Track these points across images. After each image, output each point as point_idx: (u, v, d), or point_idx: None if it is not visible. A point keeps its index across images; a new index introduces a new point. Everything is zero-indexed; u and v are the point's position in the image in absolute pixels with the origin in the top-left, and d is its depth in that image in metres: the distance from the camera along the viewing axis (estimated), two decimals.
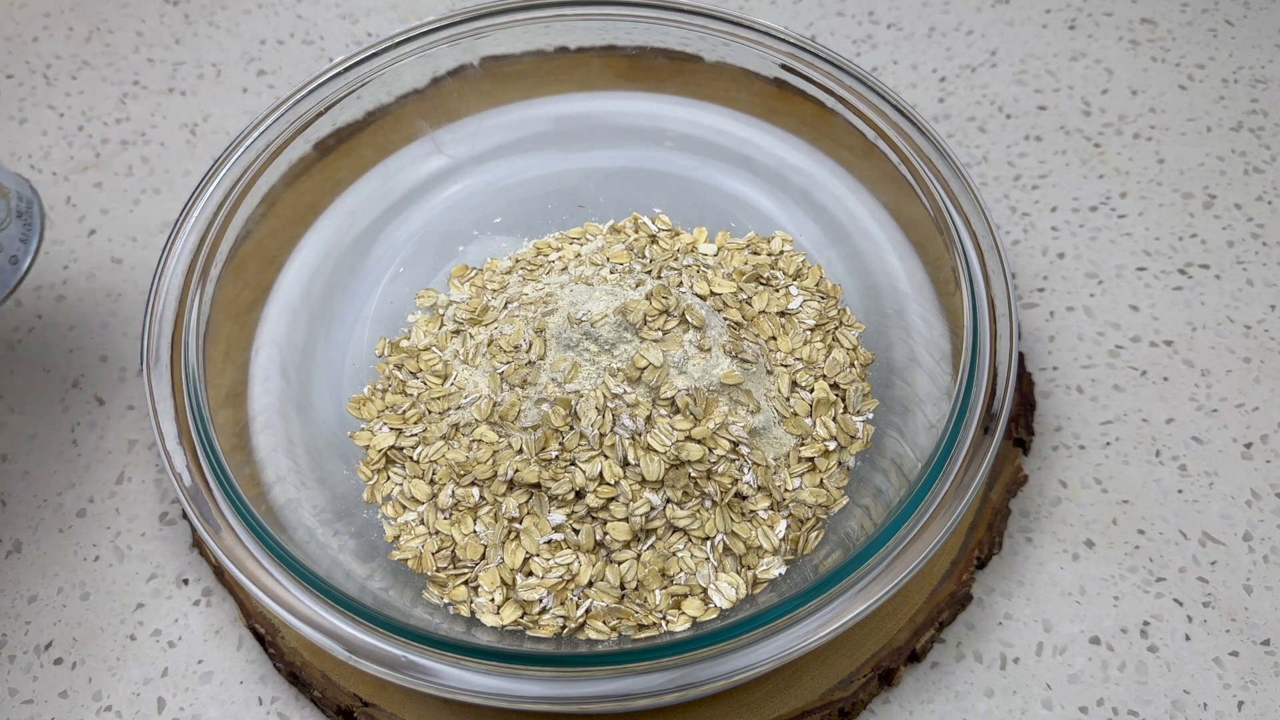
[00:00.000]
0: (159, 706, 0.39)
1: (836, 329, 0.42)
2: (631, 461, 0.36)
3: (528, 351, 0.39)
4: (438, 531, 0.38)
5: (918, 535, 0.33)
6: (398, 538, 0.38)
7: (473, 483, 0.38)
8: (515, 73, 0.47)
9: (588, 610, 0.36)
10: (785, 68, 0.44)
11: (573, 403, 0.37)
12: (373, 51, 0.45)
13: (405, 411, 0.40)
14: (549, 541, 0.37)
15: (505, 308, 0.42)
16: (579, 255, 0.44)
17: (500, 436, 0.38)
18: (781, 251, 0.44)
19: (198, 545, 0.42)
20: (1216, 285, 0.48)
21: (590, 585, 0.36)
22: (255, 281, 0.42)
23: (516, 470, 0.37)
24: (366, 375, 0.43)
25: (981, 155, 0.53)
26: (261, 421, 0.39)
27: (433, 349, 0.42)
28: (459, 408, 0.40)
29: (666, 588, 0.36)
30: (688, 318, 0.38)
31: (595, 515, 0.36)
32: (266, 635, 0.39)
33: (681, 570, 0.36)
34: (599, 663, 0.32)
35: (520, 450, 0.37)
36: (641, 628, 0.35)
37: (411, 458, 0.39)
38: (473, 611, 0.36)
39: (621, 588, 0.36)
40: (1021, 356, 0.44)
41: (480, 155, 0.48)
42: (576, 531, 0.36)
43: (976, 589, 0.41)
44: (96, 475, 0.44)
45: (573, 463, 0.36)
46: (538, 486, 0.36)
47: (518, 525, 0.37)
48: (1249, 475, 0.43)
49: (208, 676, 0.40)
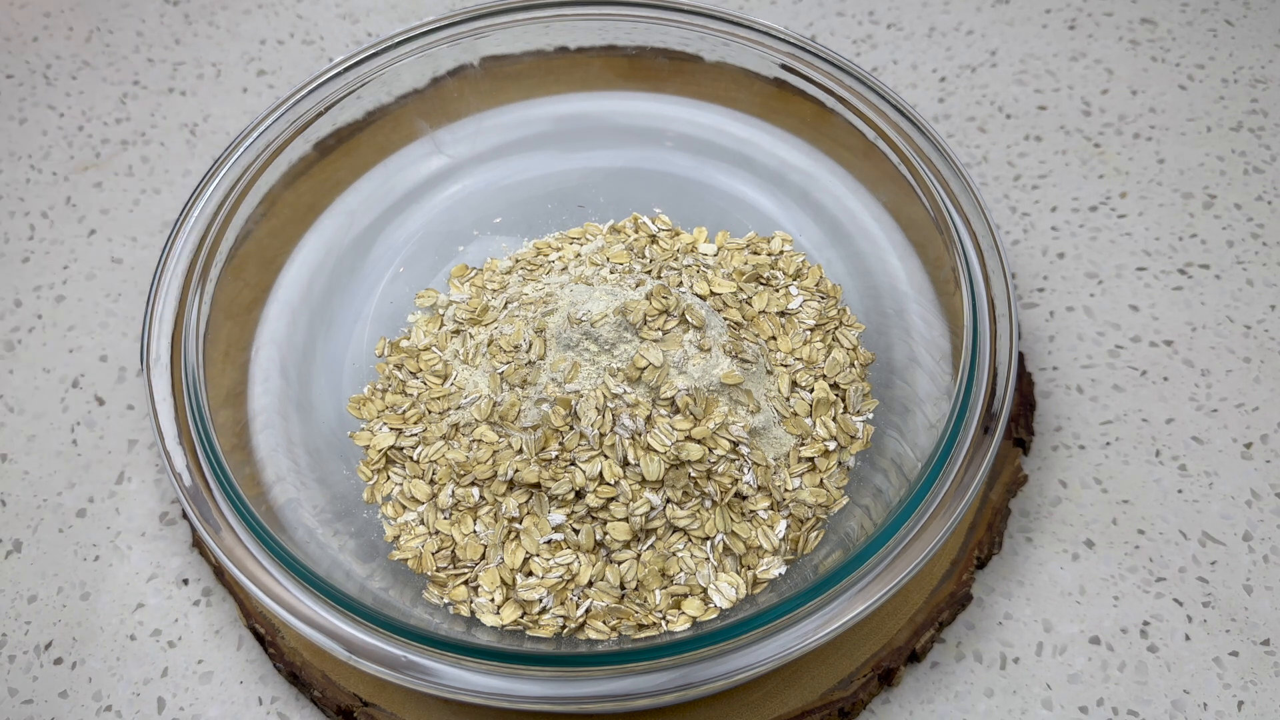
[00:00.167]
0: (159, 706, 0.39)
1: (836, 329, 0.42)
2: (631, 461, 0.36)
3: (528, 351, 0.39)
4: (438, 531, 0.38)
5: (918, 535, 0.33)
6: (398, 538, 0.38)
7: (473, 483, 0.38)
8: (515, 73, 0.47)
9: (588, 610, 0.36)
10: (785, 68, 0.44)
11: (573, 403, 0.37)
12: (373, 51, 0.45)
13: (405, 411, 0.40)
14: (549, 541, 0.37)
15: (505, 308, 0.42)
16: (579, 255, 0.44)
17: (500, 436, 0.38)
18: (781, 251, 0.44)
19: (198, 545, 0.42)
20: (1216, 285, 0.48)
21: (590, 585, 0.36)
22: (255, 281, 0.42)
23: (516, 470, 0.37)
24: (366, 375, 0.43)
25: (981, 155, 0.53)
26: (261, 421, 0.39)
27: (433, 349, 0.42)
28: (459, 408, 0.40)
29: (666, 588, 0.36)
30: (688, 318, 0.38)
31: (595, 515, 0.36)
32: (266, 635, 0.39)
33: (681, 570, 0.36)
34: (599, 663, 0.32)
35: (520, 450, 0.37)
36: (641, 628, 0.35)
37: (411, 458, 0.39)
38: (473, 611, 0.36)
39: (621, 588, 0.36)
40: (1021, 356, 0.44)
41: (480, 155, 0.48)
42: (576, 531, 0.36)
43: (976, 589, 0.41)
44: (96, 475, 0.44)
45: (573, 463, 0.36)
46: (538, 486, 0.36)
47: (518, 525, 0.37)
48: (1249, 475, 0.43)
49: (208, 676, 0.40)
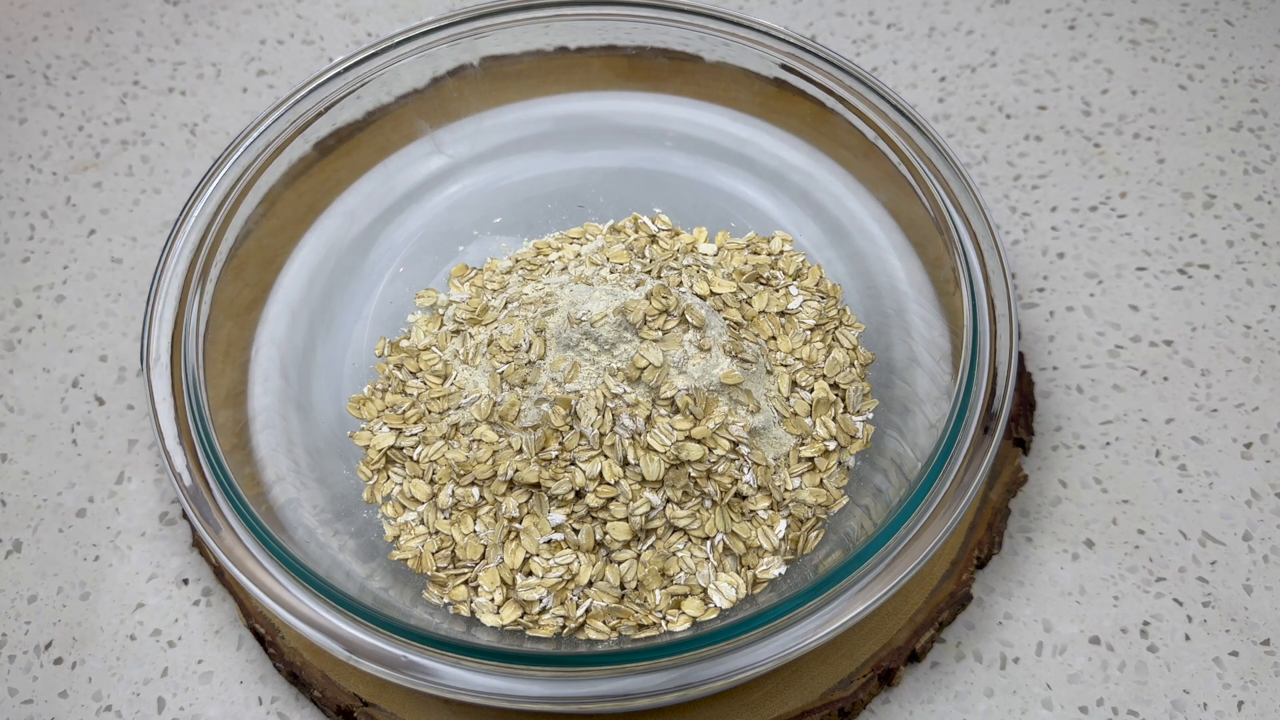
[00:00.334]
0: (159, 706, 0.39)
1: (836, 329, 0.42)
2: (631, 461, 0.36)
3: (528, 351, 0.39)
4: (438, 531, 0.38)
5: (918, 535, 0.33)
6: (398, 538, 0.38)
7: (473, 483, 0.38)
8: (515, 73, 0.47)
9: (588, 610, 0.36)
10: (785, 68, 0.44)
11: (573, 403, 0.37)
12: (373, 51, 0.45)
13: (405, 411, 0.40)
14: (549, 541, 0.37)
15: (505, 308, 0.42)
16: (579, 255, 0.44)
17: (500, 436, 0.38)
18: (781, 251, 0.44)
19: (198, 545, 0.42)
20: (1216, 285, 0.48)
21: (590, 585, 0.36)
22: (255, 281, 0.42)
23: (516, 470, 0.37)
24: (366, 375, 0.43)
25: (981, 155, 0.53)
26: (261, 421, 0.39)
27: (433, 349, 0.42)
28: (459, 408, 0.40)
29: (666, 588, 0.36)
30: (688, 318, 0.38)
31: (595, 515, 0.36)
32: (266, 635, 0.39)
33: (681, 570, 0.36)
34: (599, 663, 0.32)
35: (520, 450, 0.37)
36: (641, 628, 0.35)
37: (411, 457, 0.39)
38: (473, 611, 0.36)
39: (621, 588, 0.36)
40: (1021, 356, 0.44)
41: (480, 155, 0.48)
42: (576, 531, 0.36)
43: (976, 589, 0.41)
44: (96, 475, 0.44)
45: (573, 463, 0.36)
46: (538, 486, 0.36)
47: (518, 525, 0.37)
48: (1249, 475, 0.43)
49: (208, 676, 0.40)
